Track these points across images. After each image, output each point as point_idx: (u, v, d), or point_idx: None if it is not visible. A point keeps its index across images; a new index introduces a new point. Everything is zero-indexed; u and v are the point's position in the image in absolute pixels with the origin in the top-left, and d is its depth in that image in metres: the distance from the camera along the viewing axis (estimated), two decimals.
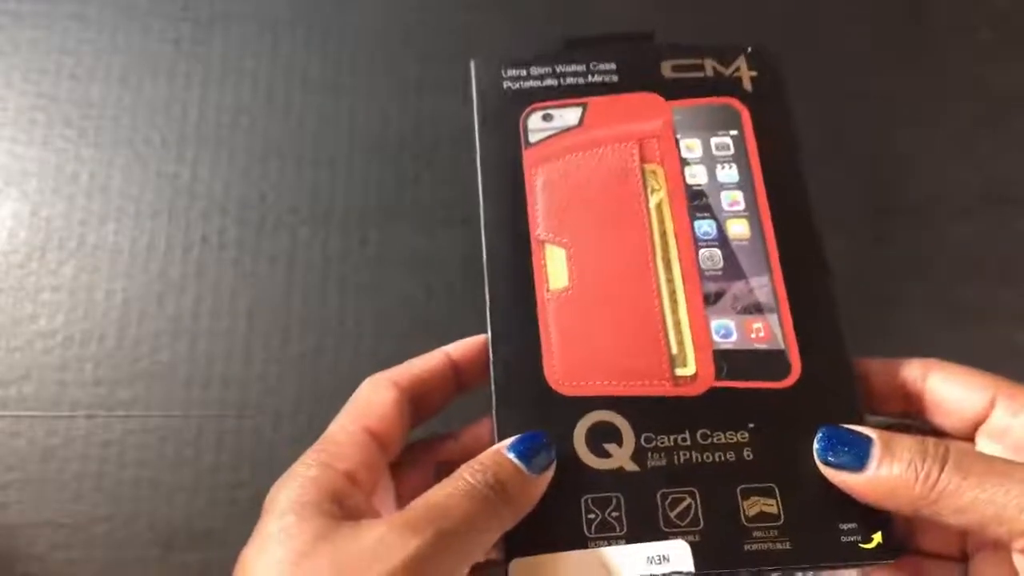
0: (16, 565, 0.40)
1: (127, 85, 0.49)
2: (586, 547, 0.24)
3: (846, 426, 0.25)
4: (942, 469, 0.22)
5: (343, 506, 0.22)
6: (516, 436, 0.25)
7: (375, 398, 0.26)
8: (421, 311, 0.45)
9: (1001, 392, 0.25)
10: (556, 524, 0.25)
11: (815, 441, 0.25)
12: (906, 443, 0.23)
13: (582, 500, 0.25)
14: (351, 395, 0.27)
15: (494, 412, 0.26)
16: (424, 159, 0.47)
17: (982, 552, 0.25)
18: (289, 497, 0.22)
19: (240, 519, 0.41)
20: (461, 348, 0.28)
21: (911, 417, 0.27)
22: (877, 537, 0.24)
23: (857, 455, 0.24)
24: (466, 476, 0.23)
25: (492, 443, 0.25)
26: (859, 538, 0.24)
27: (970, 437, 0.26)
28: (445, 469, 0.25)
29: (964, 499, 0.22)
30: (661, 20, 0.50)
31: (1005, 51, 0.49)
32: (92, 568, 0.40)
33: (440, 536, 0.21)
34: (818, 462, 0.25)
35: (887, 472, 0.23)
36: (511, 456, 0.24)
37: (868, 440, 0.24)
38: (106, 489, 0.42)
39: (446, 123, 0.48)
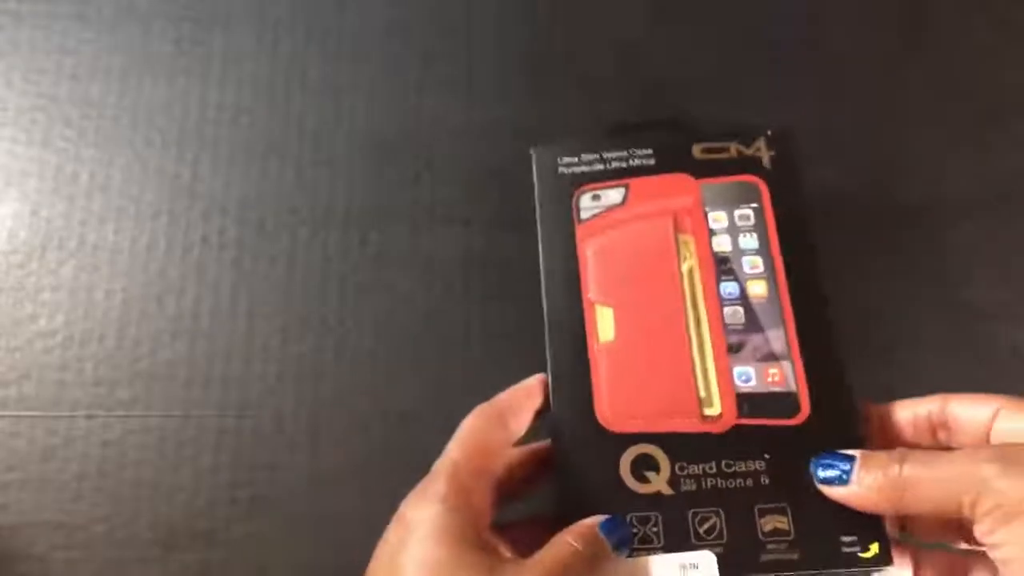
0: (16, 565, 0.40)
1: (127, 85, 0.49)
2: (630, 555, 0.29)
3: (837, 451, 0.29)
4: (901, 468, 0.27)
5: (481, 539, 0.27)
6: (607, 518, 0.29)
7: (495, 439, 0.31)
8: (421, 311, 0.45)
9: (1002, 404, 0.29)
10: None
11: (811, 464, 0.30)
12: (879, 455, 0.28)
13: (627, 518, 0.30)
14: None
15: (554, 447, 0.32)
16: (424, 159, 0.47)
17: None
18: (440, 525, 0.27)
19: (240, 519, 0.41)
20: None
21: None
22: (874, 547, 0.29)
23: (843, 472, 0.29)
24: (570, 540, 0.27)
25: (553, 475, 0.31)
26: (858, 548, 0.29)
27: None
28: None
29: (922, 487, 0.27)
30: (658, 30, 0.50)
31: (1005, 51, 0.49)
32: (92, 568, 0.40)
33: None
34: (816, 482, 0.29)
35: (866, 480, 0.28)
36: (601, 534, 0.28)
37: (852, 458, 0.29)
38: (106, 489, 0.42)
39: (446, 123, 0.48)
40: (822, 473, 0.29)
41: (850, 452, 0.29)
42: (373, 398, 0.43)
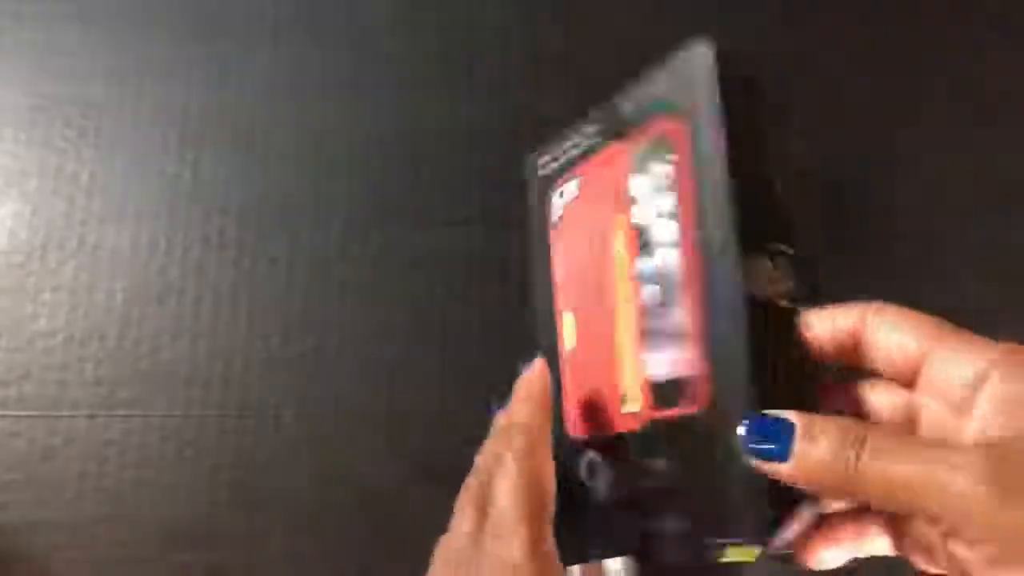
0: (16, 565, 0.40)
1: (127, 85, 0.49)
2: (587, 561, 0.29)
3: (769, 413, 0.24)
4: (859, 455, 0.22)
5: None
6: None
7: (544, 443, 0.28)
8: (421, 311, 0.45)
9: (936, 340, 0.24)
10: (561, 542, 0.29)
11: (739, 430, 0.24)
12: (827, 428, 0.23)
13: (576, 523, 0.30)
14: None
15: None
16: (424, 159, 0.47)
17: None
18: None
19: (240, 519, 0.41)
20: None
21: (852, 366, 0.27)
22: (772, 521, 0.25)
23: (780, 443, 0.23)
24: None
25: None
26: (758, 523, 0.25)
27: (911, 383, 0.25)
28: None
29: (881, 484, 0.22)
30: (658, 30, 0.50)
31: (1005, 51, 0.49)
32: (92, 568, 0.41)
33: None
34: (744, 454, 0.24)
35: (811, 457, 0.23)
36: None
37: (790, 426, 0.23)
38: (106, 489, 0.42)
39: (446, 123, 0.48)
40: (753, 445, 0.24)
41: (786, 415, 0.24)
42: (373, 398, 0.43)
